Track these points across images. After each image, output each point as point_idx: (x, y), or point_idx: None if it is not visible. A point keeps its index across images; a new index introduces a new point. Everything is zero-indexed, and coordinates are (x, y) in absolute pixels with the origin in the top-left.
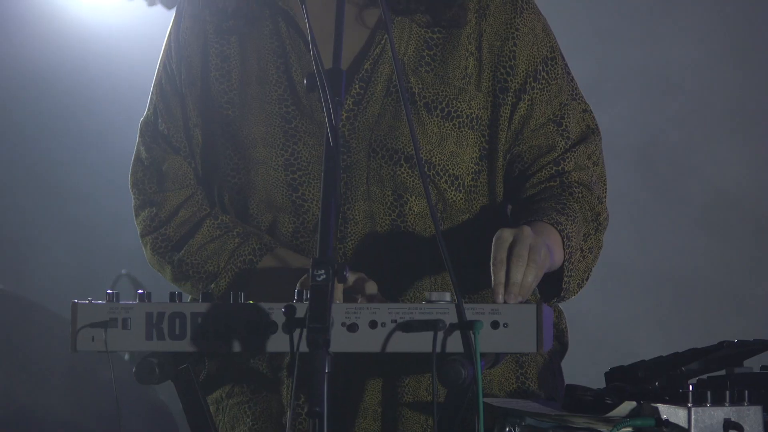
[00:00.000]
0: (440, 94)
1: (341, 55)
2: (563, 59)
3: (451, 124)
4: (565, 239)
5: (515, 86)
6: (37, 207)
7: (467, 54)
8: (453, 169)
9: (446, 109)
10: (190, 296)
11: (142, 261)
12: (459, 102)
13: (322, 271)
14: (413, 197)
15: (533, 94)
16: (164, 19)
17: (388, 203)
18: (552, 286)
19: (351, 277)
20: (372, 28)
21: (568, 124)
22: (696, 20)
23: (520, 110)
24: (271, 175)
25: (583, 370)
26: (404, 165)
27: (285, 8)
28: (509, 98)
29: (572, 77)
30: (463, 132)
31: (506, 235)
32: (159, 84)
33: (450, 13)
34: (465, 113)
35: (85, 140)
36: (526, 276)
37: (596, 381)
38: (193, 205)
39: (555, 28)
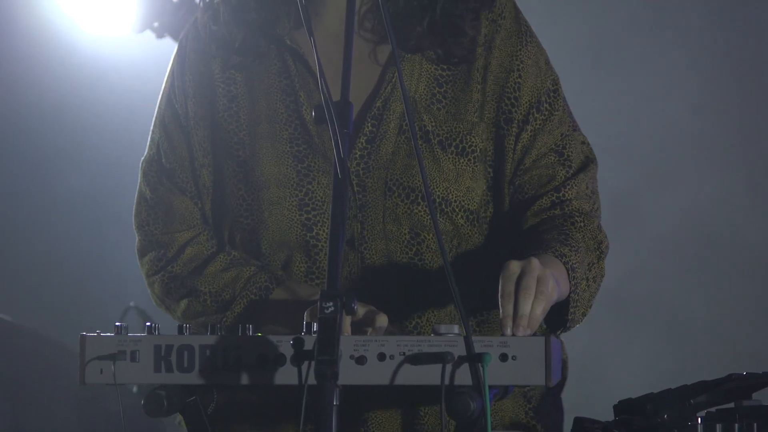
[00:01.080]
0: (453, 130)
1: (349, 87)
2: (562, 92)
3: (465, 159)
4: (570, 271)
5: (519, 117)
6: (44, 240)
7: (477, 88)
8: (468, 204)
9: (460, 146)
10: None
11: (149, 293)
12: (472, 137)
13: (330, 304)
14: (430, 235)
15: (536, 125)
16: (173, 51)
17: (405, 241)
18: (557, 317)
19: (361, 310)
20: (383, 65)
21: (570, 154)
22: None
23: (523, 140)
24: (284, 215)
25: (581, 402)
26: (421, 203)
27: (293, 46)
28: (513, 129)
29: (570, 110)
30: (478, 166)
31: (514, 267)
32: (162, 122)
33: (461, 49)
34: (478, 147)
35: (92, 171)
36: (535, 308)
37: (590, 414)
38: (199, 243)
39: None
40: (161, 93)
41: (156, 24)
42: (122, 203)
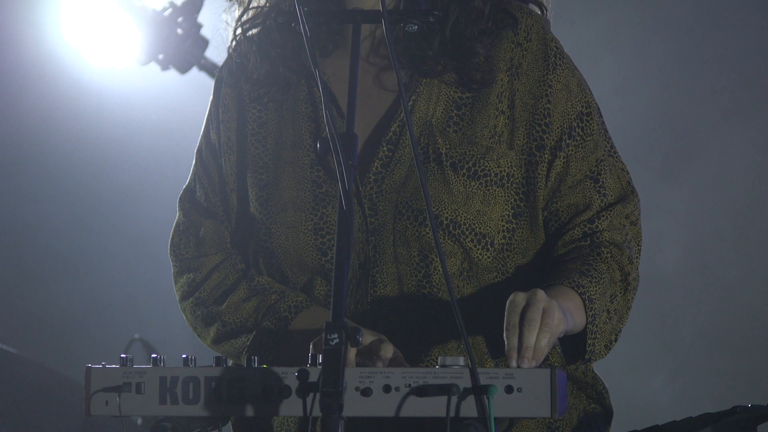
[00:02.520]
0: (467, 153)
1: (354, 119)
2: (600, 115)
3: (477, 183)
4: (586, 302)
5: (551, 143)
6: (49, 271)
7: (497, 113)
8: (480, 228)
9: (473, 168)
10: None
11: (155, 326)
12: (486, 161)
13: (335, 335)
14: (438, 257)
15: (568, 151)
16: (178, 83)
17: (414, 264)
18: (578, 349)
19: (368, 338)
20: (398, 89)
21: (605, 180)
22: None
23: (556, 168)
24: (301, 239)
25: None
26: (429, 225)
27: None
28: (545, 155)
29: (608, 134)
30: (491, 190)
31: (519, 299)
32: (199, 152)
33: (477, 72)
34: (493, 171)
35: (98, 206)
36: (539, 340)
37: None
38: (226, 268)
39: None
40: (203, 125)
41: (160, 56)
42: (127, 235)
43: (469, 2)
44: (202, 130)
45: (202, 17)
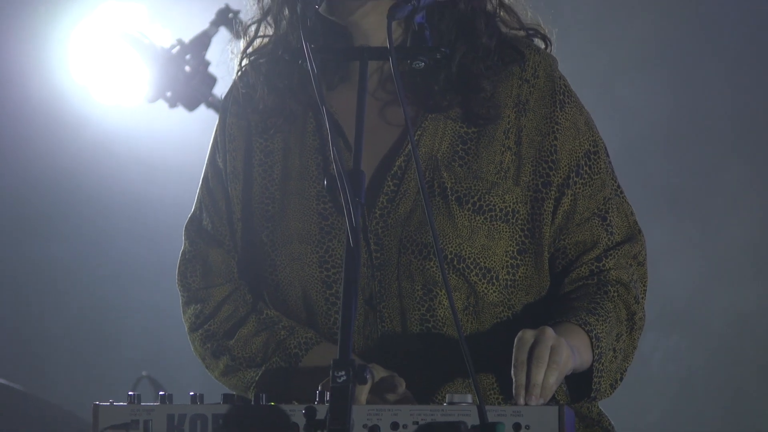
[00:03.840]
0: (472, 188)
1: (361, 156)
2: (606, 154)
3: (482, 217)
4: (594, 340)
5: (558, 180)
6: (56, 308)
7: (503, 149)
8: (485, 262)
9: (478, 203)
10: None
11: (162, 363)
12: (491, 196)
13: (343, 373)
14: (442, 291)
15: (576, 189)
16: (186, 121)
17: (418, 298)
18: (583, 387)
19: (381, 374)
20: (403, 125)
21: (612, 218)
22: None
23: (564, 205)
24: (306, 272)
25: None
26: (433, 259)
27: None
28: (552, 192)
29: (615, 174)
30: (496, 225)
31: (527, 336)
32: (205, 180)
33: (482, 107)
34: (498, 206)
35: (105, 243)
36: (547, 378)
37: None
38: (236, 300)
39: None
40: (208, 153)
41: (168, 94)
42: (134, 273)
43: (476, 38)
44: (207, 158)
45: (210, 55)
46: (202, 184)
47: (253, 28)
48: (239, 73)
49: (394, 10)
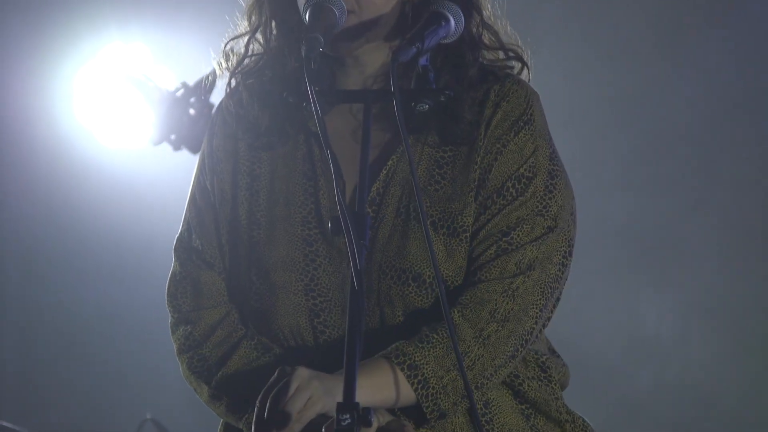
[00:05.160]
0: (446, 211)
1: (366, 198)
2: (549, 188)
3: (457, 240)
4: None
5: (480, 200)
6: (59, 352)
7: (475, 166)
8: (460, 282)
9: (452, 226)
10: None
11: (166, 405)
12: (464, 216)
13: (347, 416)
14: (423, 316)
15: (494, 209)
16: (190, 164)
17: (400, 323)
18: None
19: (385, 418)
20: (380, 149)
21: (514, 236)
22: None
23: (479, 222)
24: (291, 300)
25: None
26: (412, 285)
27: (318, 132)
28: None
29: (558, 199)
30: (467, 245)
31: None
32: (193, 200)
33: (460, 131)
34: (468, 224)
35: (110, 285)
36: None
37: None
38: (229, 325)
39: None
40: (194, 173)
41: (173, 136)
42: (137, 315)
43: (463, 69)
44: (194, 178)
45: (215, 97)
46: (189, 204)
47: (242, 45)
48: (227, 91)
49: (398, 53)
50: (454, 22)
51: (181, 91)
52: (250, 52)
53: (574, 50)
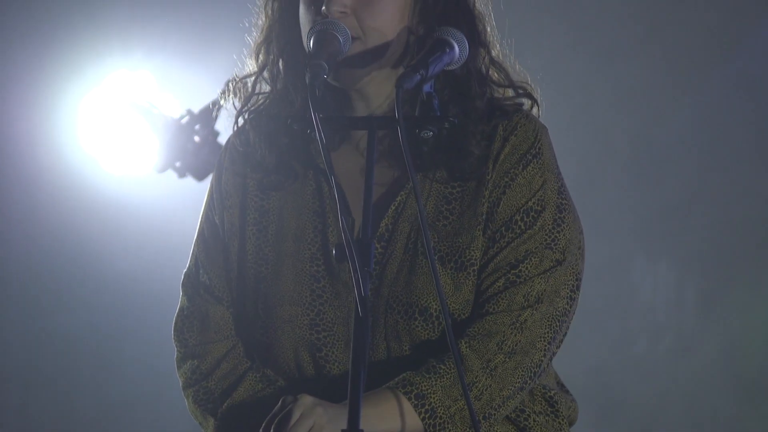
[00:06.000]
0: (454, 246)
1: (369, 225)
2: (557, 222)
3: (464, 273)
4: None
5: (489, 233)
6: (66, 383)
7: (483, 200)
8: (468, 316)
9: (459, 260)
10: None
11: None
12: (471, 250)
13: None
14: (430, 350)
15: (502, 242)
16: (195, 191)
17: (406, 357)
18: None
19: None
20: (388, 185)
21: (522, 269)
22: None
23: (488, 254)
24: (296, 333)
25: None
26: (418, 318)
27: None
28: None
29: (566, 233)
30: (475, 279)
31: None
32: (201, 235)
33: (468, 167)
34: (476, 258)
35: (116, 314)
36: None
37: None
38: (234, 358)
39: None
40: (203, 208)
41: (178, 164)
42: (143, 347)
43: (470, 101)
44: (203, 214)
45: (219, 125)
46: (197, 240)
47: (249, 84)
48: (235, 129)
49: (403, 80)
50: (459, 49)
51: (186, 118)
52: (257, 91)
53: (575, 50)
